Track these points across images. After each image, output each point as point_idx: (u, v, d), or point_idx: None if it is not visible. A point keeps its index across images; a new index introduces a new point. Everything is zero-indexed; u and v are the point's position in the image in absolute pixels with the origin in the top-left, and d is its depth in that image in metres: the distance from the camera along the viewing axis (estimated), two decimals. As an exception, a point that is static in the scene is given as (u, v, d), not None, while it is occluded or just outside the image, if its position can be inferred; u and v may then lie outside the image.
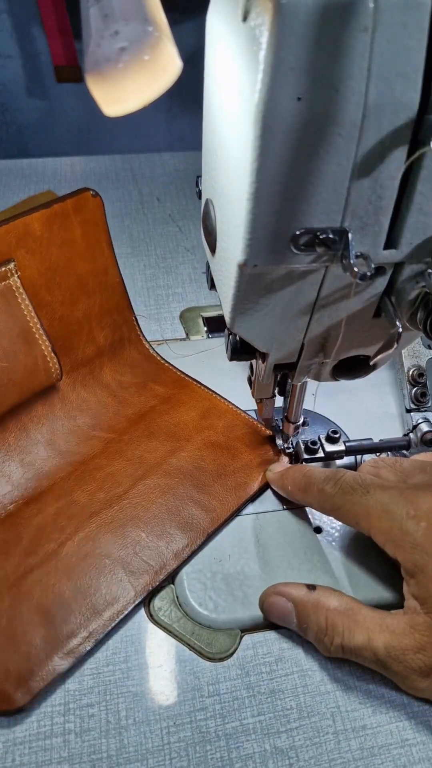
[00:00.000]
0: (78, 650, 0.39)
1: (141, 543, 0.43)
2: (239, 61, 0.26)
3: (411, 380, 0.53)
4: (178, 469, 0.48)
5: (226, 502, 0.46)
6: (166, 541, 0.44)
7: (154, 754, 0.37)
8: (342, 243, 0.28)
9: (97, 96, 0.28)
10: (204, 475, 0.48)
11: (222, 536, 0.46)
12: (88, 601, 0.41)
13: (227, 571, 0.44)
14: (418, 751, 0.37)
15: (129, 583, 0.41)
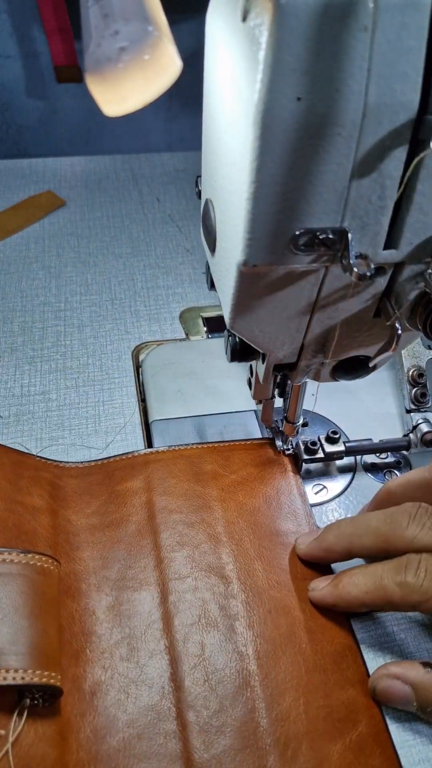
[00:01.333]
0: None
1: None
2: (239, 61, 0.26)
3: (411, 381, 0.53)
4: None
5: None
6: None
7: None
8: (342, 243, 0.28)
9: (97, 96, 0.28)
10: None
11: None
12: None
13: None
14: (418, 752, 0.37)
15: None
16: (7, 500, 0.43)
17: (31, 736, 0.33)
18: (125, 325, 0.61)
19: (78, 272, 0.66)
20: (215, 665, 0.38)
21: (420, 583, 0.35)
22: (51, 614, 0.37)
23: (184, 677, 0.37)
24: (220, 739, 0.35)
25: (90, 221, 0.72)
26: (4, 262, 0.66)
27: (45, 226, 0.71)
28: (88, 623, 0.39)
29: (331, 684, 0.38)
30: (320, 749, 0.35)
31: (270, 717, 0.36)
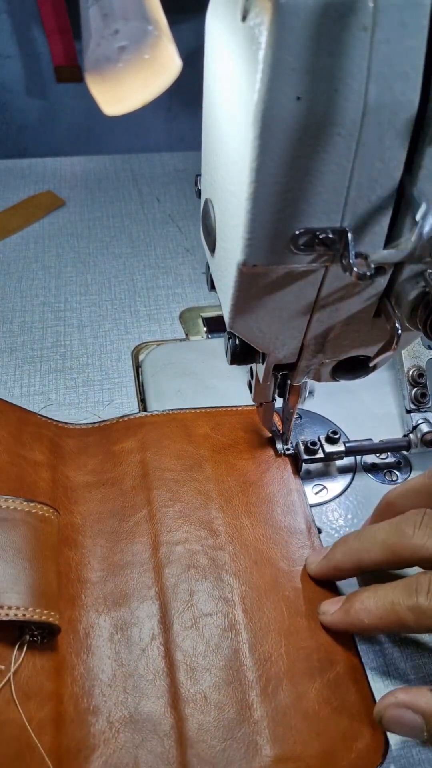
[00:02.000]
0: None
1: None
2: (239, 61, 0.26)
3: (411, 381, 0.53)
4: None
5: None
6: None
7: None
8: (342, 243, 0.28)
9: (97, 95, 0.28)
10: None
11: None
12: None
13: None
14: (418, 752, 0.37)
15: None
16: (11, 453, 0.45)
17: (30, 669, 0.36)
18: (125, 325, 0.61)
19: (78, 272, 0.66)
20: (203, 610, 0.40)
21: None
22: (51, 560, 0.39)
23: (173, 621, 0.40)
24: (205, 676, 0.38)
25: (90, 221, 0.72)
26: (4, 262, 0.66)
27: (45, 226, 0.71)
28: (84, 571, 0.42)
29: (312, 628, 0.40)
30: (299, 686, 0.37)
31: (253, 657, 0.38)
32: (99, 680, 0.37)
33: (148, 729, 0.36)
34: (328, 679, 0.38)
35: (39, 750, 0.33)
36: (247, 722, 0.36)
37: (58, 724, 0.35)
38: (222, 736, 0.35)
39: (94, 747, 0.35)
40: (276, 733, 0.36)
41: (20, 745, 0.33)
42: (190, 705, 0.36)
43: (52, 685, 0.36)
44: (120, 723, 0.36)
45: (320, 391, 0.55)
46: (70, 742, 0.35)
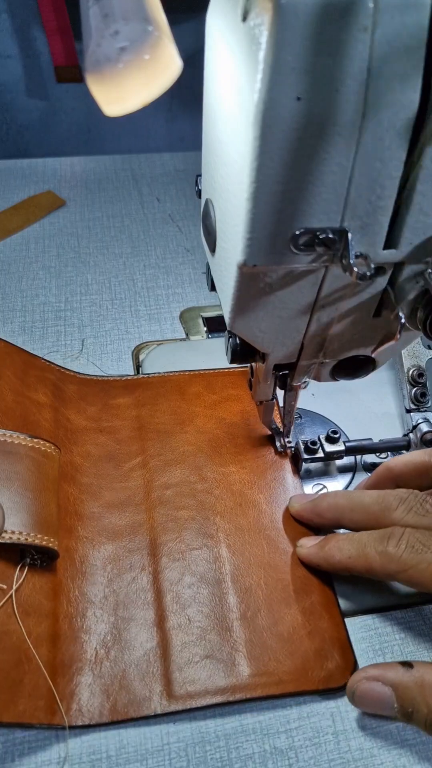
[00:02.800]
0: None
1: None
2: (239, 61, 0.26)
3: (411, 380, 0.53)
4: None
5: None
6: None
7: (154, 755, 0.36)
8: (342, 243, 0.28)
9: (97, 96, 0.28)
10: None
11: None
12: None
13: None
14: (417, 751, 0.37)
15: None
16: (16, 393, 0.48)
17: (30, 588, 0.39)
18: (125, 325, 0.61)
19: (78, 272, 0.66)
20: (190, 545, 0.44)
21: (399, 554, 0.36)
22: (51, 492, 0.42)
23: (161, 554, 0.43)
24: (190, 602, 0.41)
25: (90, 221, 0.72)
26: (4, 262, 0.66)
27: (45, 226, 0.71)
28: (81, 506, 0.45)
29: (291, 563, 0.44)
30: (276, 612, 0.41)
31: (235, 587, 0.42)
32: (92, 603, 0.41)
33: (135, 647, 0.39)
34: (303, 607, 0.41)
35: (36, 660, 0.37)
36: (227, 642, 0.40)
37: (53, 639, 0.38)
38: (203, 654, 0.39)
39: (85, 661, 0.38)
40: (253, 653, 0.39)
41: (20, 655, 0.36)
42: (174, 627, 0.40)
43: (49, 605, 0.39)
44: (110, 641, 0.39)
45: (320, 391, 0.55)
46: (64, 656, 0.38)
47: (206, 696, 0.38)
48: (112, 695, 0.37)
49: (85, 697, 0.37)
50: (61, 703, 0.36)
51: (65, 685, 0.37)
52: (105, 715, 0.37)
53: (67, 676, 0.37)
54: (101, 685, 0.38)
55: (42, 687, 0.36)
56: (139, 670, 0.38)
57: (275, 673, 0.39)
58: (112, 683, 0.38)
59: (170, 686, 0.38)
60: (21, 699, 0.35)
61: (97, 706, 0.37)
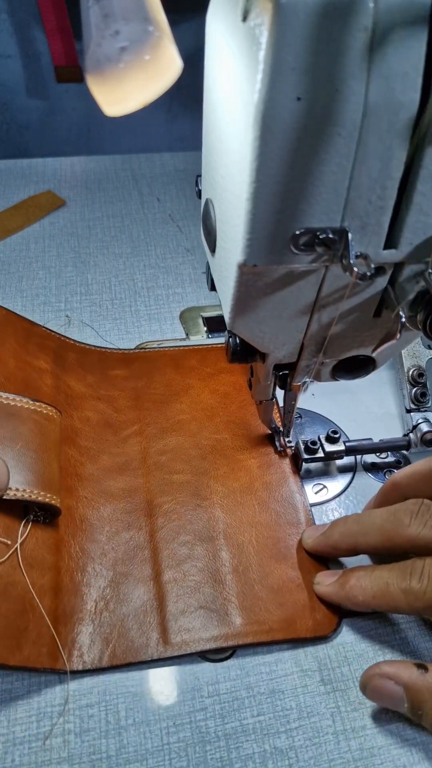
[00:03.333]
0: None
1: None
2: (239, 61, 0.26)
3: (411, 380, 0.53)
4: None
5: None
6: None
7: (154, 755, 0.36)
8: (342, 243, 0.28)
9: (97, 96, 0.28)
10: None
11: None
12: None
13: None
14: (417, 751, 0.37)
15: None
16: (18, 359, 0.50)
17: (33, 543, 0.41)
18: (125, 325, 0.61)
19: (78, 272, 0.66)
20: (184, 506, 0.46)
21: (424, 590, 0.35)
22: (53, 452, 0.44)
23: (158, 514, 0.46)
24: (186, 559, 0.43)
25: (90, 221, 0.72)
26: (4, 262, 0.66)
27: (45, 226, 0.71)
28: (81, 469, 0.47)
29: (281, 522, 0.46)
30: (267, 567, 0.43)
31: (227, 543, 0.44)
32: (92, 559, 0.43)
33: (133, 599, 0.41)
34: (292, 563, 0.44)
35: (40, 609, 0.39)
36: (220, 594, 0.42)
37: (56, 591, 0.40)
38: (197, 605, 0.41)
39: (86, 612, 0.41)
40: (244, 604, 0.42)
41: (24, 604, 0.38)
42: (170, 580, 0.42)
43: (52, 559, 0.41)
44: (109, 594, 0.42)
45: (320, 391, 0.55)
46: (66, 607, 0.40)
47: (200, 642, 0.40)
48: (111, 643, 0.39)
49: (85, 644, 0.39)
50: (63, 650, 0.38)
51: (67, 633, 0.39)
52: (105, 661, 0.39)
53: (69, 626, 0.39)
54: (101, 634, 0.40)
55: (45, 635, 0.38)
56: (137, 620, 0.40)
57: (266, 622, 0.41)
58: (111, 632, 0.40)
59: (166, 634, 0.40)
60: (26, 645, 0.37)
61: (97, 653, 0.39)
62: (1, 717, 0.37)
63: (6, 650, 0.36)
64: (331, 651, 0.41)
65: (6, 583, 0.38)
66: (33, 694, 0.38)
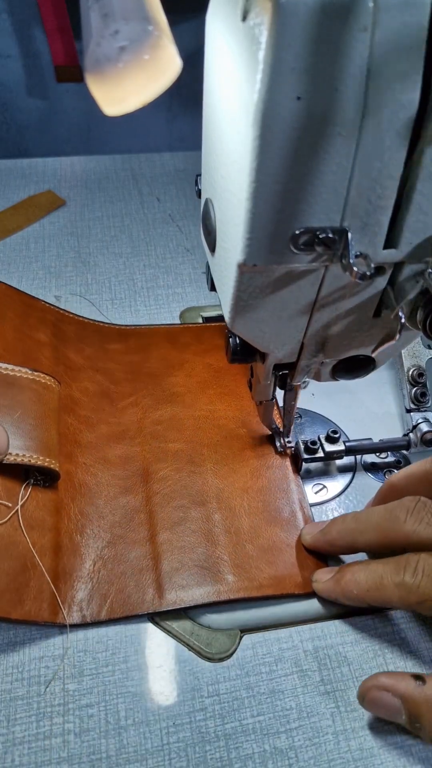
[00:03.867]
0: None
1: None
2: (239, 61, 0.26)
3: (411, 380, 0.53)
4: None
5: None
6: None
7: (154, 755, 0.36)
8: (342, 243, 0.28)
9: (96, 95, 0.28)
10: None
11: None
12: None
13: (227, 571, 0.44)
14: (417, 751, 0.37)
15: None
16: (18, 332, 0.51)
17: (34, 506, 0.43)
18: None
19: (78, 272, 0.66)
20: (179, 472, 0.48)
21: (417, 584, 0.35)
22: (52, 420, 0.46)
23: (153, 481, 0.47)
24: (180, 522, 0.45)
25: (90, 221, 0.72)
26: (4, 262, 0.66)
27: (45, 225, 0.71)
28: (80, 436, 0.49)
29: (272, 488, 0.48)
30: (257, 528, 0.45)
31: (219, 506, 0.46)
32: (90, 521, 0.45)
33: (129, 559, 0.43)
34: (282, 525, 0.46)
35: (40, 567, 0.41)
36: (213, 553, 0.44)
37: (56, 550, 0.42)
38: (191, 563, 0.43)
39: (84, 571, 0.42)
40: (236, 562, 0.43)
41: (26, 563, 0.40)
42: (165, 541, 0.44)
43: (51, 520, 0.43)
44: (106, 554, 0.43)
45: (320, 391, 0.55)
46: (66, 566, 0.42)
47: (194, 598, 0.41)
48: (108, 598, 0.41)
49: (84, 600, 0.41)
50: (62, 606, 0.40)
51: (66, 590, 0.41)
52: (103, 615, 0.41)
53: (69, 583, 0.41)
54: (99, 590, 0.42)
55: (45, 591, 0.40)
56: (133, 578, 0.42)
57: (256, 579, 0.43)
58: (109, 589, 0.42)
59: (161, 590, 0.42)
60: (27, 600, 0.39)
61: (95, 608, 0.41)
62: (1, 717, 0.37)
63: (8, 605, 0.38)
64: (331, 651, 0.41)
65: (8, 543, 0.40)
66: (32, 693, 0.38)
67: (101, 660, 0.40)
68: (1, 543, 0.40)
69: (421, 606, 0.36)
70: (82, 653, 0.40)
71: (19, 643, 0.40)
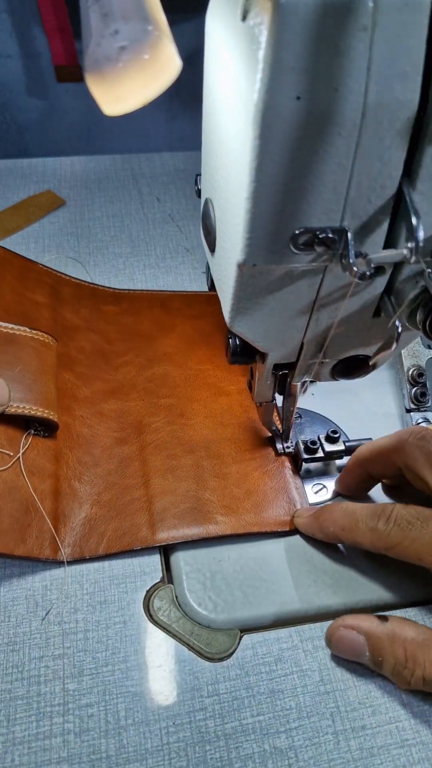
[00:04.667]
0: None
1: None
2: (238, 61, 0.26)
3: (411, 380, 0.53)
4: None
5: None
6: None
7: (154, 755, 0.36)
8: (341, 242, 0.28)
9: (96, 95, 0.28)
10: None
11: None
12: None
13: (226, 571, 0.44)
14: (417, 751, 0.37)
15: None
16: (16, 294, 0.54)
17: (35, 453, 0.46)
18: (125, 325, 0.61)
19: (78, 272, 0.66)
20: (171, 424, 0.51)
21: (388, 532, 0.38)
22: (51, 375, 0.49)
23: (146, 432, 0.50)
24: (172, 469, 0.48)
25: (90, 221, 0.72)
26: (4, 262, 0.66)
27: (45, 225, 0.71)
28: (77, 391, 0.52)
29: (256, 438, 0.51)
30: (244, 474, 0.49)
31: (209, 455, 0.50)
32: (87, 468, 0.48)
33: (125, 503, 0.47)
34: (267, 469, 0.49)
35: (41, 510, 0.44)
36: (202, 496, 0.47)
37: (55, 495, 0.45)
38: (183, 504, 0.46)
39: (82, 513, 0.46)
40: (224, 503, 0.47)
41: (27, 505, 0.43)
42: (158, 485, 0.47)
43: (51, 467, 0.46)
44: (103, 499, 0.46)
45: (320, 391, 0.55)
46: (65, 508, 0.45)
47: (185, 534, 0.45)
48: (105, 536, 0.45)
49: (83, 539, 0.44)
50: (61, 544, 0.43)
51: (66, 531, 0.44)
52: (100, 551, 0.44)
53: (68, 525, 0.45)
54: (96, 530, 0.45)
55: (46, 531, 0.43)
56: (128, 519, 0.46)
57: (242, 518, 0.46)
58: (106, 528, 0.45)
59: (154, 528, 0.45)
60: (29, 539, 0.42)
61: (93, 545, 0.44)
62: (1, 717, 0.37)
63: (12, 542, 0.41)
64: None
65: (11, 487, 0.43)
66: (32, 693, 0.38)
67: (101, 659, 0.40)
68: (5, 487, 0.43)
69: (388, 551, 0.38)
70: (81, 653, 0.40)
71: (19, 643, 0.40)
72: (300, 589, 0.43)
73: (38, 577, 0.43)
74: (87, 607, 0.42)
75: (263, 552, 0.45)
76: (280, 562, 0.45)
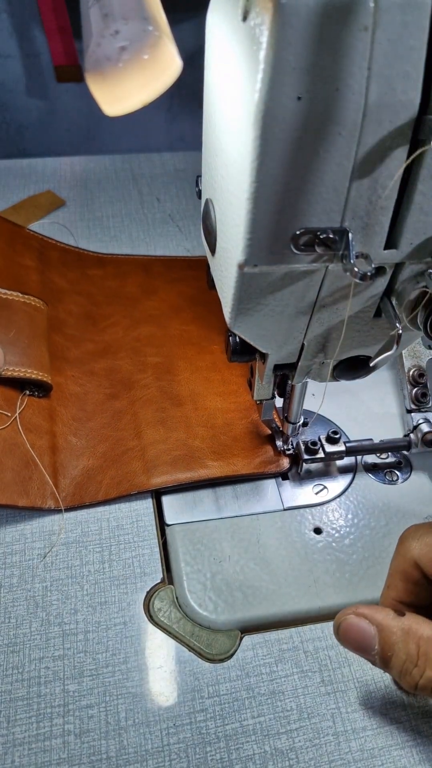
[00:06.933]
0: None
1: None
2: (239, 61, 0.26)
3: (411, 381, 0.53)
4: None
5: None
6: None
7: (154, 756, 0.36)
8: (342, 243, 0.28)
9: (97, 95, 0.28)
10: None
11: (222, 536, 0.46)
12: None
13: (227, 572, 0.44)
14: (418, 752, 0.37)
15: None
16: (5, 258, 0.57)
17: (31, 413, 0.49)
18: (125, 325, 0.61)
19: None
20: (158, 380, 0.54)
21: (419, 674, 0.34)
22: (43, 338, 0.52)
23: (136, 388, 0.53)
24: (162, 421, 0.51)
25: (90, 221, 0.72)
26: (4, 262, 0.66)
27: (45, 226, 0.71)
28: (68, 353, 0.55)
29: (241, 391, 0.54)
30: (231, 422, 0.52)
31: (197, 408, 0.52)
32: (82, 424, 0.51)
33: (119, 453, 0.49)
34: (251, 420, 0.52)
35: (39, 465, 0.47)
36: (192, 444, 0.50)
37: (53, 450, 0.48)
38: (175, 452, 0.49)
39: (79, 466, 0.48)
40: (212, 449, 0.50)
41: (27, 460, 0.46)
42: (150, 436, 0.50)
43: (47, 425, 0.49)
44: (99, 451, 0.49)
45: (320, 391, 0.55)
46: (63, 462, 0.48)
47: (177, 479, 0.47)
48: (103, 483, 0.47)
49: (82, 488, 0.47)
50: (60, 496, 0.46)
51: (65, 484, 0.47)
52: (99, 497, 0.47)
53: (67, 478, 0.48)
54: (94, 479, 0.48)
55: (46, 484, 0.46)
56: (124, 468, 0.48)
57: (231, 462, 0.49)
58: (103, 477, 0.48)
59: (149, 474, 0.48)
60: (30, 491, 0.45)
61: (92, 492, 0.47)
62: (1, 718, 0.37)
63: (16, 494, 0.44)
64: (332, 652, 0.41)
65: (10, 444, 0.46)
66: (32, 695, 0.38)
67: (101, 661, 0.40)
68: (5, 444, 0.46)
69: (401, 679, 0.34)
70: (82, 654, 0.40)
71: (20, 644, 0.40)
72: (300, 589, 0.43)
73: (38, 578, 0.43)
74: (87, 608, 0.42)
75: (263, 552, 0.45)
76: (280, 563, 0.44)
